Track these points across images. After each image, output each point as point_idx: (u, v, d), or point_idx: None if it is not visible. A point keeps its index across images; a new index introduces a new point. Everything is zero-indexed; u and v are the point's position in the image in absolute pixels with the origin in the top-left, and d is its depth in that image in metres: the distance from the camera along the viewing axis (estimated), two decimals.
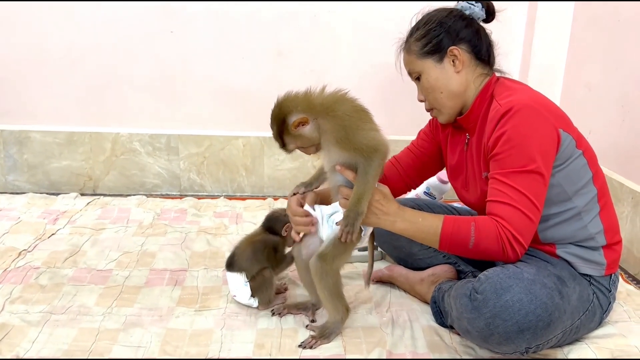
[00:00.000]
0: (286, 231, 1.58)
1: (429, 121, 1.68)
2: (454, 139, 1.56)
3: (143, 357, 1.32)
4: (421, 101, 1.50)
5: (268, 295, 1.53)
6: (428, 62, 1.41)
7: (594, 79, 2.20)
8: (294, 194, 1.46)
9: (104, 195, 2.49)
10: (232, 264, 1.56)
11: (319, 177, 1.47)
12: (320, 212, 1.42)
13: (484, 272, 1.25)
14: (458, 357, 1.35)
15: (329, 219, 1.40)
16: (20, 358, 1.26)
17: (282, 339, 1.40)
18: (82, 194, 2.48)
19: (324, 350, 1.36)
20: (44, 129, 2.49)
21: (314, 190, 1.48)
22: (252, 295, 1.51)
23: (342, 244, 1.33)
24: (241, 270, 1.53)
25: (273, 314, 1.51)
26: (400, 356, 1.35)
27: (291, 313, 1.51)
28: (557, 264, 1.33)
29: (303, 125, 1.30)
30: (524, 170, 1.24)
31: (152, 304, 1.56)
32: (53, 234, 2.01)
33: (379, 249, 1.91)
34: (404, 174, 1.69)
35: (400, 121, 2.59)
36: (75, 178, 2.53)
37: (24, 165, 2.51)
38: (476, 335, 1.21)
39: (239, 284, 1.53)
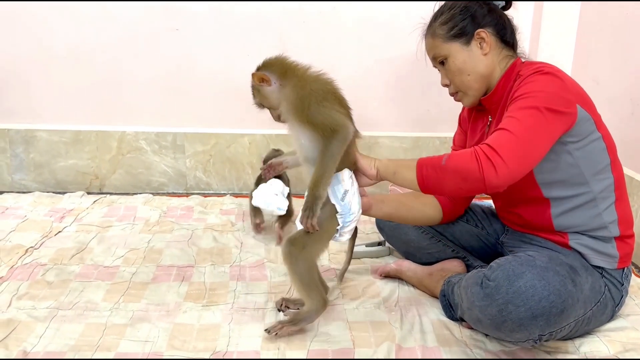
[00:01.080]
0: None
1: (458, 118, 1.68)
2: (475, 122, 1.57)
3: (141, 358, 1.31)
4: (445, 85, 1.50)
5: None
6: (455, 45, 1.42)
7: (602, 73, 2.18)
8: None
9: (110, 193, 2.49)
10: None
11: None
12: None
13: (495, 260, 1.24)
14: (468, 355, 1.34)
15: None
16: (20, 359, 1.25)
17: None
18: (89, 193, 2.47)
19: (333, 344, 1.35)
20: (50, 128, 2.49)
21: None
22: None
23: (315, 233, 1.31)
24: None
25: (278, 309, 1.49)
26: (409, 350, 1.33)
27: (288, 307, 1.49)
28: (569, 255, 1.33)
29: (264, 82, 1.36)
30: (529, 106, 1.23)
31: (159, 299, 1.55)
32: (59, 232, 2.00)
33: (386, 244, 1.90)
34: None
35: (407, 117, 2.59)
36: (82, 177, 2.53)
37: (30, 164, 2.51)
38: (488, 324, 1.20)
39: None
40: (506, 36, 1.44)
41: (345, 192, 1.33)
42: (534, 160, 1.23)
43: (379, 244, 1.91)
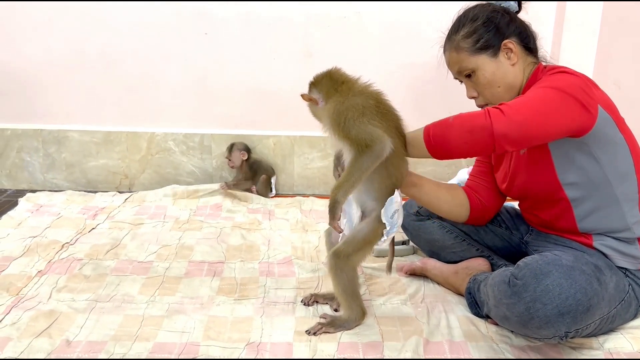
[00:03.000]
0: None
1: None
2: None
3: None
4: (472, 98, 1.50)
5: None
6: (482, 58, 1.43)
7: (623, 76, 2.20)
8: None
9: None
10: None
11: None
12: (348, 206, 1.44)
13: (522, 259, 1.27)
14: (494, 350, 1.37)
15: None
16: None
17: None
18: (119, 192, 2.55)
19: (362, 337, 1.40)
20: (82, 128, 2.57)
21: None
22: None
23: (358, 241, 1.36)
24: None
25: (303, 303, 1.54)
26: (437, 344, 1.37)
27: (318, 302, 1.55)
28: (593, 254, 1.35)
29: (312, 101, 1.41)
30: (549, 86, 1.27)
31: (193, 293, 1.61)
32: (93, 229, 2.07)
33: (410, 243, 1.94)
34: (490, 183, 1.64)
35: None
36: (112, 176, 2.60)
37: (62, 163, 2.59)
38: (515, 321, 1.23)
39: None
40: (529, 43, 1.45)
41: (395, 211, 1.37)
42: (542, 130, 1.24)
43: (403, 243, 1.94)
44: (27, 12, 2.43)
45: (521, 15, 1.50)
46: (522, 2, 1.50)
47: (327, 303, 1.55)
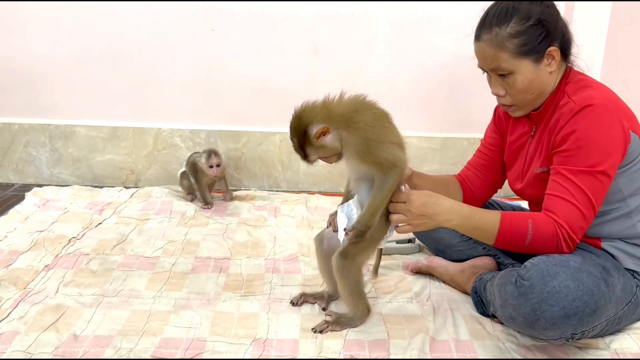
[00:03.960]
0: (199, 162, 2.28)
1: (494, 114, 1.64)
2: (515, 125, 1.54)
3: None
4: (499, 95, 1.40)
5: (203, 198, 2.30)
6: (525, 63, 1.32)
7: (632, 76, 2.19)
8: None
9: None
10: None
11: (350, 191, 1.46)
12: (343, 210, 1.42)
13: (529, 260, 1.26)
14: (500, 349, 1.37)
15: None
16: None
17: None
18: (126, 187, 2.55)
19: (368, 334, 1.40)
20: (89, 123, 2.58)
21: None
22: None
23: (365, 242, 1.36)
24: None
25: (291, 303, 1.54)
26: (443, 343, 1.37)
27: (307, 302, 1.55)
28: (601, 255, 1.35)
29: (324, 135, 1.28)
30: (592, 170, 1.26)
31: (199, 288, 1.61)
32: (100, 224, 2.08)
33: (416, 241, 1.94)
34: (486, 176, 1.65)
35: (437, 118, 2.63)
36: (118, 171, 2.61)
37: (68, 158, 2.60)
38: (521, 322, 1.23)
39: None
40: (568, 49, 1.37)
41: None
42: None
43: (409, 241, 1.94)
44: (34, 8, 2.43)
45: None
46: None
47: (316, 302, 1.55)
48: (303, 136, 1.29)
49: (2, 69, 2.51)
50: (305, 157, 1.34)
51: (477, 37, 1.36)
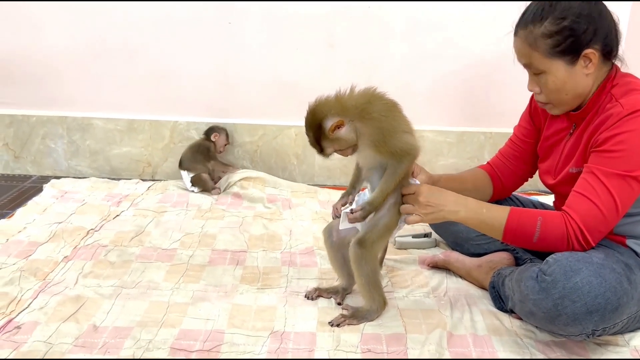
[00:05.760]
0: (215, 137, 2.45)
1: (529, 104, 1.61)
2: (553, 121, 1.51)
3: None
4: (535, 92, 1.40)
5: (204, 186, 2.37)
6: (558, 63, 1.29)
7: None
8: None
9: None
10: (180, 164, 2.40)
11: (357, 180, 1.48)
12: (362, 198, 1.44)
13: (552, 255, 1.25)
14: (518, 344, 1.36)
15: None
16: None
17: None
18: (142, 180, 2.57)
19: (386, 328, 1.40)
20: (106, 116, 2.59)
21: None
22: (193, 185, 2.37)
23: (380, 229, 1.37)
24: (185, 168, 2.39)
25: (306, 297, 1.54)
26: (460, 337, 1.37)
27: (322, 296, 1.55)
28: (624, 253, 1.33)
29: (339, 128, 1.29)
30: (626, 175, 1.24)
31: (217, 281, 1.62)
32: (117, 216, 2.09)
33: (433, 235, 1.93)
34: (516, 166, 1.65)
35: (452, 112, 2.61)
36: (135, 164, 2.62)
37: (86, 150, 2.62)
38: (541, 317, 1.23)
39: (186, 178, 2.38)
40: (612, 52, 1.32)
41: None
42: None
43: (425, 235, 1.94)
44: (51, 1, 2.44)
45: None
46: None
47: (331, 297, 1.55)
48: (318, 130, 1.31)
49: (20, 62, 2.53)
50: (321, 150, 1.35)
51: (515, 32, 1.35)
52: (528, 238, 1.29)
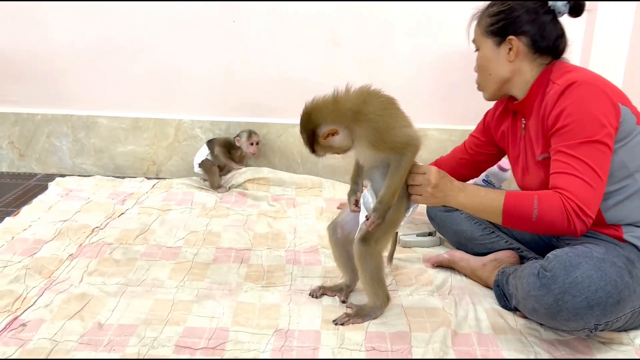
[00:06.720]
0: (237, 141, 2.47)
1: (484, 117, 1.75)
2: (514, 129, 1.59)
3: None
4: (475, 70, 1.56)
5: (208, 176, 2.42)
6: (487, 42, 1.48)
7: None
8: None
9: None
10: (211, 140, 2.47)
11: (358, 175, 1.47)
12: (363, 197, 1.44)
13: (552, 252, 1.26)
14: (523, 343, 1.36)
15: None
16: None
17: None
18: (147, 178, 2.58)
19: (390, 326, 1.40)
20: (111, 114, 2.60)
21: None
22: (199, 167, 2.44)
23: (385, 225, 1.36)
24: (209, 144, 2.45)
25: (310, 295, 1.54)
26: (465, 336, 1.37)
27: (326, 294, 1.55)
28: (625, 247, 1.34)
29: (333, 135, 1.30)
30: (588, 140, 1.26)
31: (221, 279, 1.62)
32: (122, 214, 2.10)
33: (437, 234, 1.93)
34: (455, 170, 1.77)
35: (457, 110, 2.61)
36: (139, 162, 2.63)
37: (90, 149, 2.63)
38: (543, 313, 1.23)
39: (201, 153, 2.44)
40: (542, 46, 1.43)
41: None
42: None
43: (430, 234, 1.94)
44: None
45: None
46: (583, 8, 1.45)
47: (335, 295, 1.55)
48: (312, 135, 1.32)
49: (25, 60, 2.54)
50: (313, 152, 1.36)
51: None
52: (527, 217, 1.28)
